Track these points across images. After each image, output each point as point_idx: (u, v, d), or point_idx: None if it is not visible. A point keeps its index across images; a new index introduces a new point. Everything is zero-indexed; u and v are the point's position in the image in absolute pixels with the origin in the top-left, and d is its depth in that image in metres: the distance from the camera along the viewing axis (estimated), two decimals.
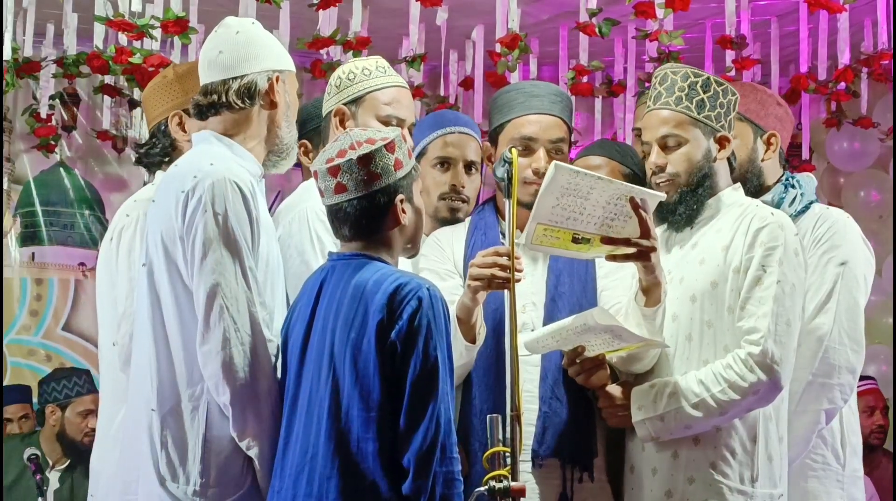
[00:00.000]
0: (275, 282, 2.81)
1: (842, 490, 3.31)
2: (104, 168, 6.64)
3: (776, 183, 3.41)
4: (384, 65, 3.18)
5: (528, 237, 2.88)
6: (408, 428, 2.53)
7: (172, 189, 2.73)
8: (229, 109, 2.83)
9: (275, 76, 2.85)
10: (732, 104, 3.12)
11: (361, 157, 2.66)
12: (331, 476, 2.56)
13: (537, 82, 3.57)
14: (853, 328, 3.27)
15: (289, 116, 2.90)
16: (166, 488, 2.68)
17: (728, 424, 2.99)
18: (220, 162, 2.74)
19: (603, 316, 2.88)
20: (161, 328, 2.73)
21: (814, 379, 3.22)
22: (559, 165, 2.83)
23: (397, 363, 2.56)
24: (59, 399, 5.46)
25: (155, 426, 2.70)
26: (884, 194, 6.69)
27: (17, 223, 6.55)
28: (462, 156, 3.48)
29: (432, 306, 2.57)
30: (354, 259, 2.69)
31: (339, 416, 2.58)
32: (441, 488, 2.51)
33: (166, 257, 2.71)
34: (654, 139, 3.09)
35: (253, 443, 2.68)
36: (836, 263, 3.27)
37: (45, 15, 5.51)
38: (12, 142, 6.40)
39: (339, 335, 2.62)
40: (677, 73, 3.10)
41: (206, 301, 2.65)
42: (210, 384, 2.66)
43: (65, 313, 6.54)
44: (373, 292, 2.59)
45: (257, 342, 2.67)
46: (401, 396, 2.55)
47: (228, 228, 2.67)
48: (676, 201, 3.08)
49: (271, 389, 2.70)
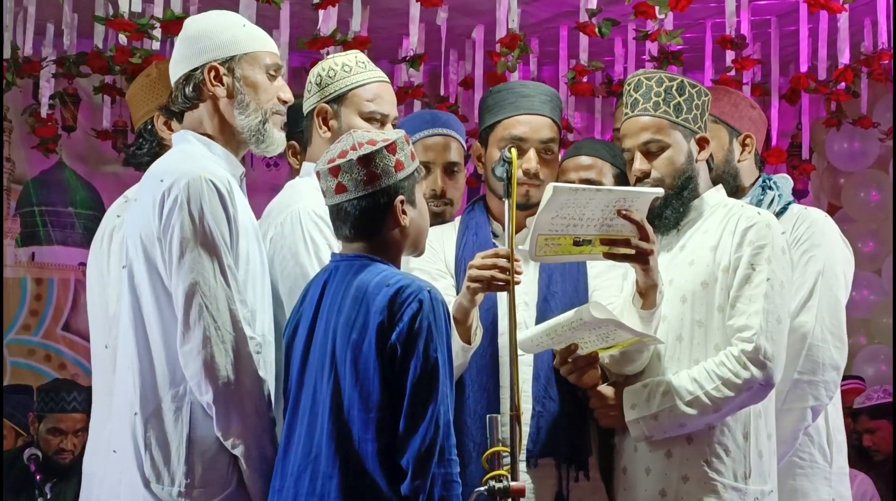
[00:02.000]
0: (256, 281, 2.80)
1: (829, 486, 3.34)
2: (104, 168, 6.64)
3: (753, 185, 3.44)
4: (363, 59, 3.16)
5: (531, 250, 2.89)
6: (407, 430, 2.54)
7: (150, 189, 2.73)
8: (191, 107, 2.84)
9: (209, 68, 2.82)
10: (706, 105, 3.15)
11: (361, 157, 2.66)
12: (332, 475, 2.56)
13: (527, 82, 3.56)
14: (836, 325, 3.30)
15: (242, 101, 2.84)
16: (151, 490, 2.67)
17: (720, 422, 3.00)
18: (197, 161, 2.74)
19: (598, 310, 2.89)
20: (142, 329, 2.72)
21: (799, 377, 3.24)
22: (557, 187, 2.83)
23: (397, 364, 2.56)
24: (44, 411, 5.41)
25: (138, 428, 2.68)
26: (884, 194, 6.70)
27: (17, 223, 6.55)
28: (442, 159, 3.43)
29: (433, 309, 2.57)
30: (357, 260, 2.69)
31: (341, 417, 2.58)
32: (439, 490, 2.51)
33: (146, 258, 2.71)
34: (636, 146, 3.10)
35: (238, 442, 2.67)
36: (817, 261, 3.29)
37: (45, 15, 5.51)
38: (12, 142, 6.40)
39: (340, 337, 2.62)
40: (651, 78, 3.11)
41: (184, 301, 2.64)
42: (192, 384, 2.66)
43: (65, 313, 6.54)
44: (374, 294, 2.59)
45: (239, 339, 2.66)
46: (401, 397, 2.55)
47: (205, 226, 2.66)
48: (662, 205, 3.08)
49: (254, 386, 2.69)
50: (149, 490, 2.67)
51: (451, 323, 2.68)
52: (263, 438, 2.72)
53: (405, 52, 5.65)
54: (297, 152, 3.53)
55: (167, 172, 2.72)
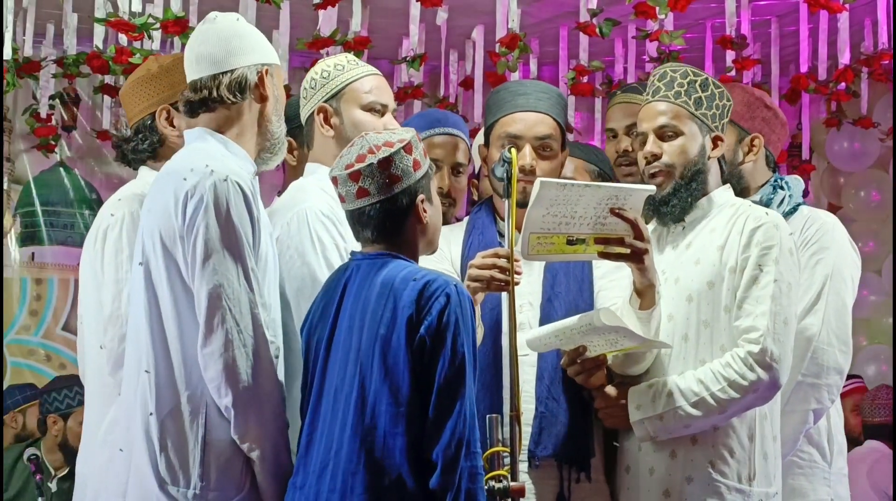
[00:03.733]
0: (272, 283, 2.80)
1: (828, 487, 3.35)
2: (104, 168, 6.64)
3: (764, 185, 3.43)
4: (354, 59, 3.19)
5: (523, 248, 2.89)
6: (436, 423, 2.54)
7: (170, 187, 2.70)
8: (221, 105, 2.81)
9: (264, 69, 2.84)
10: (727, 109, 3.15)
11: (382, 160, 2.67)
12: (356, 471, 2.56)
13: (526, 81, 3.57)
14: (841, 328, 3.30)
15: (278, 109, 2.89)
16: (166, 491, 2.66)
17: (726, 423, 3.00)
18: (220, 161, 2.72)
19: (609, 317, 2.88)
20: (159, 328, 2.70)
21: (803, 379, 3.25)
22: (545, 182, 2.84)
23: (426, 358, 2.57)
24: (62, 409, 5.45)
25: (154, 429, 2.67)
26: (884, 194, 6.69)
27: (17, 223, 6.55)
28: (450, 158, 3.48)
29: (460, 303, 2.59)
30: (379, 258, 2.70)
31: (365, 411, 2.58)
32: (466, 482, 2.52)
33: (165, 256, 2.69)
34: (652, 129, 3.11)
35: (254, 446, 2.67)
36: (825, 264, 3.29)
37: (45, 15, 5.51)
38: (12, 142, 6.40)
39: (367, 332, 2.62)
40: (677, 71, 3.13)
41: (207, 303, 2.63)
42: (211, 387, 2.64)
43: (65, 313, 6.54)
44: (401, 288, 2.60)
45: (259, 344, 2.65)
46: (429, 391, 2.56)
47: (231, 229, 2.65)
48: (670, 194, 3.09)
49: (273, 391, 2.69)
50: (164, 491, 2.66)
51: (476, 318, 2.69)
52: (279, 442, 2.72)
53: (405, 52, 5.65)
54: (292, 148, 3.55)
55: (190, 170, 2.69)
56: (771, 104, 3.50)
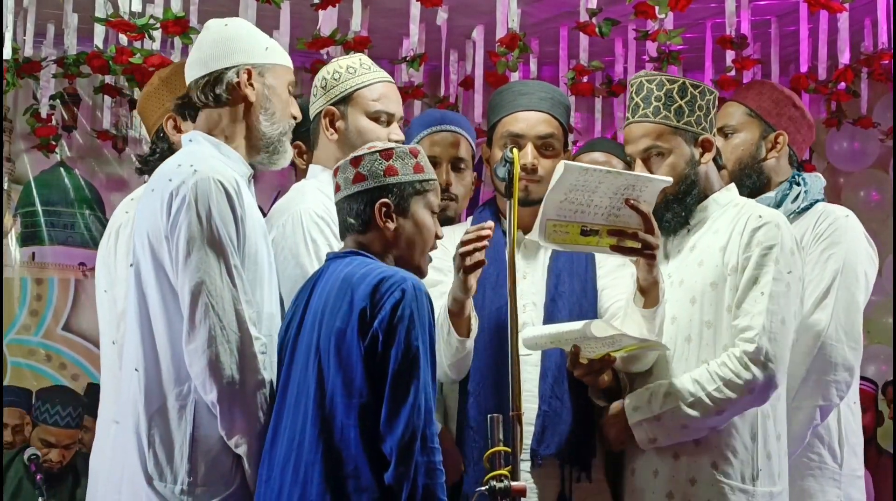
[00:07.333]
0: (263, 282, 2.81)
1: (838, 488, 3.33)
2: (104, 168, 6.64)
3: (783, 181, 3.43)
4: (368, 62, 3.19)
5: (541, 234, 2.88)
6: (389, 416, 2.56)
7: (158, 188, 2.75)
8: (206, 108, 2.86)
9: (245, 70, 2.85)
10: (710, 104, 3.12)
11: (353, 158, 2.75)
12: (314, 461, 2.59)
13: (528, 81, 3.58)
14: (851, 325, 3.29)
15: (268, 109, 2.88)
16: (154, 487, 2.69)
17: (727, 423, 2.99)
18: (205, 161, 2.75)
19: (601, 330, 2.88)
20: (148, 327, 2.74)
21: (809, 375, 3.23)
22: (568, 165, 2.84)
23: (379, 351, 2.59)
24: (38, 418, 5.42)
25: (142, 426, 2.71)
26: (884, 194, 6.69)
27: (17, 223, 6.54)
28: (448, 154, 3.47)
29: (416, 298, 2.60)
30: (347, 256, 2.75)
31: (324, 403, 2.61)
32: (423, 478, 2.53)
33: (153, 256, 2.73)
34: (637, 153, 3.10)
35: (241, 441, 2.69)
36: (836, 260, 3.28)
37: (45, 15, 5.51)
38: (12, 142, 6.40)
39: (325, 326, 2.65)
40: (652, 81, 3.10)
41: (190, 300, 2.66)
42: (197, 383, 2.68)
43: (65, 313, 6.53)
44: (358, 283, 2.64)
45: (244, 339, 2.67)
46: (383, 385, 2.58)
47: (212, 227, 2.68)
48: (663, 209, 3.08)
49: (259, 386, 2.71)
50: (152, 487, 2.69)
51: (435, 314, 2.70)
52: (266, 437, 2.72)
53: (405, 52, 5.65)
54: (302, 152, 3.55)
55: (175, 172, 2.73)
56: (800, 105, 3.50)
